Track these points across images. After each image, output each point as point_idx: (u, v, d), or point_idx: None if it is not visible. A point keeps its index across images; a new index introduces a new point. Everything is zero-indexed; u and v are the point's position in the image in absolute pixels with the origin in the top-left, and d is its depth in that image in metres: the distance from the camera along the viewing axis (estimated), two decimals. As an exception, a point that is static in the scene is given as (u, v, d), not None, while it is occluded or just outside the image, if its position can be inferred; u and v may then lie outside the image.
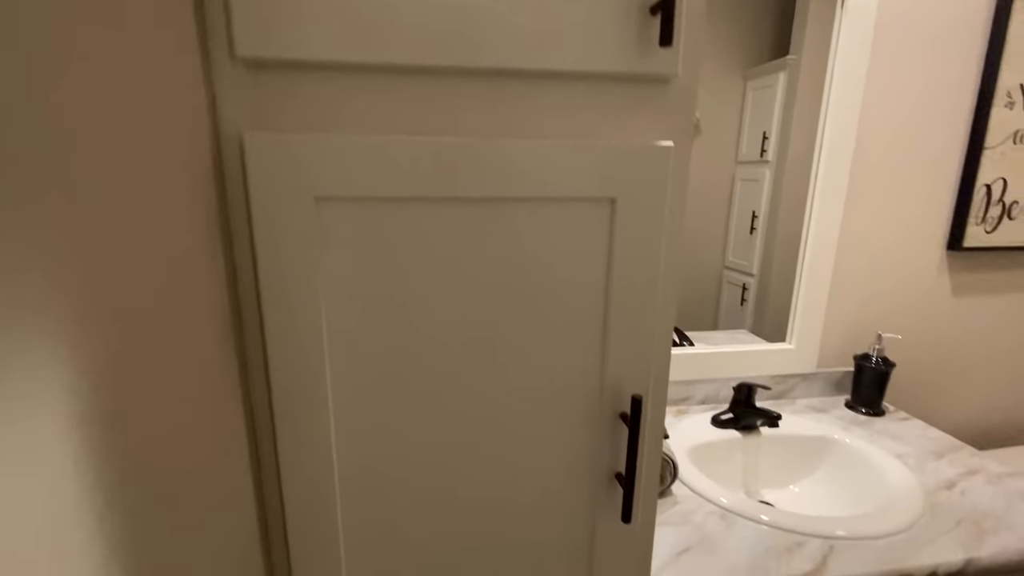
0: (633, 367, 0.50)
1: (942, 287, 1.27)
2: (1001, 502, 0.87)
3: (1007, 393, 1.39)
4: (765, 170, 1.15)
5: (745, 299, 1.23)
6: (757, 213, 1.19)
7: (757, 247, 1.20)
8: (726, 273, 1.21)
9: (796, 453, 1.07)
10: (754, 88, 1.09)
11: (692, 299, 1.20)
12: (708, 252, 1.17)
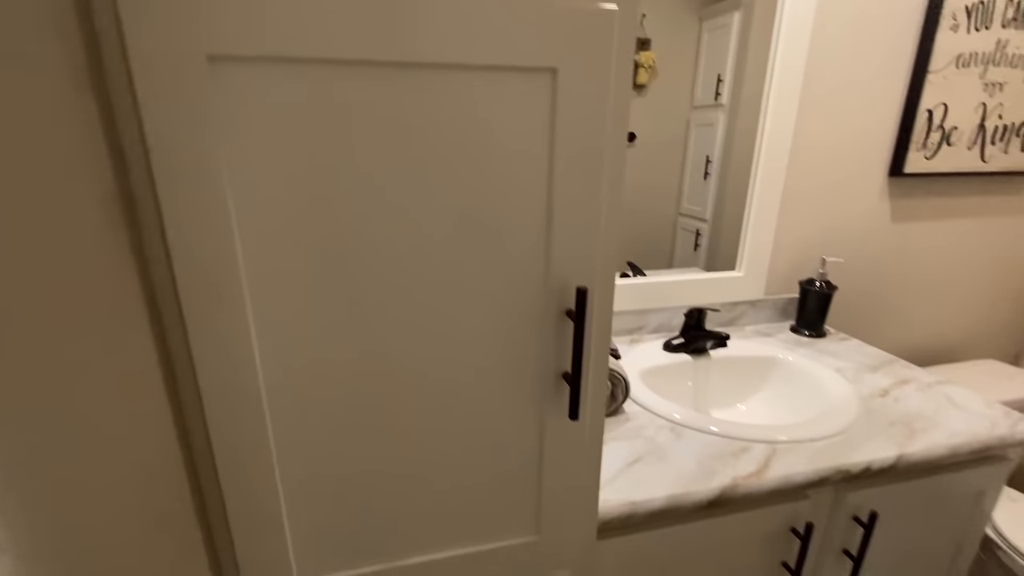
0: (578, 258, 0.47)
1: (883, 213, 1.31)
2: (931, 405, 0.92)
3: (941, 316, 1.48)
4: (719, 114, 1.14)
5: (699, 244, 1.24)
6: (711, 158, 1.18)
7: (711, 192, 1.20)
8: (680, 220, 1.22)
9: (743, 373, 1.10)
10: (709, 29, 1.06)
11: (646, 246, 1.21)
12: (662, 200, 1.17)
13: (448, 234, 0.44)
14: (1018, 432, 0.85)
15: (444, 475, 0.51)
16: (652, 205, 1.16)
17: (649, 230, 1.18)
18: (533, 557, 0.57)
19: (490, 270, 0.46)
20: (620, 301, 1.17)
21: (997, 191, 1.39)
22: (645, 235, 1.18)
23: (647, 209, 1.16)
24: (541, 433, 0.52)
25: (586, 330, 0.49)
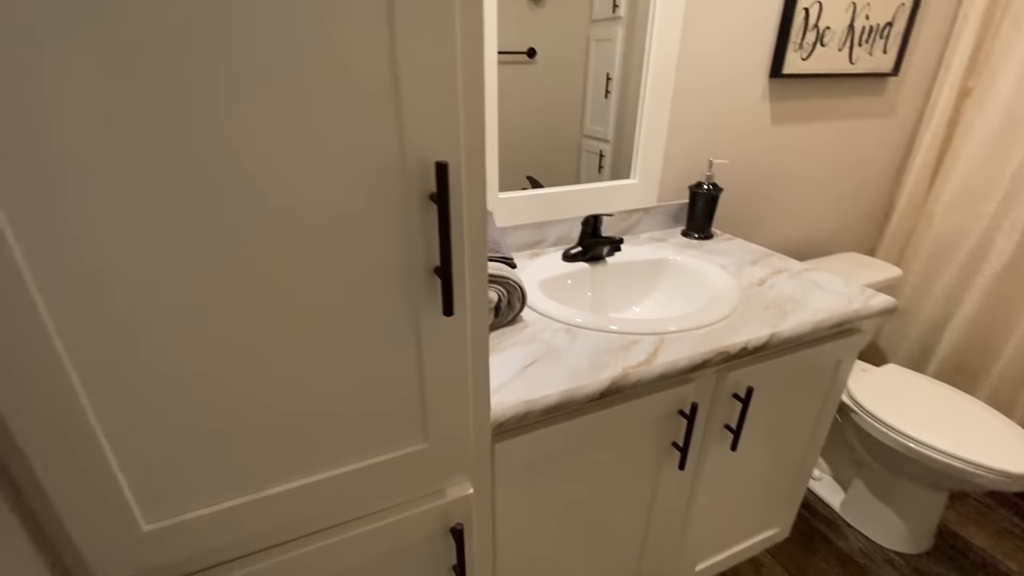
0: (436, 129, 0.41)
1: (764, 115, 1.35)
2: (800, 290, 1.00)
3: (812, 214, 1.60)
4: (618, 28, 1.09)
5: (602, 166, 1.23)
6: (611, 75, 1.14)
7: (612, 112, 1.17)
8: (584, 141, 1.19)
9: (638, 277, 1.13)
10: None
11: (553, 169, 1.17)
12: (566, 121, 1.13)
13: (273, 101, 0.36)
14: (871, 305, 0.95)
15: (305, 385, 0.46)
16: (556, 127, 1.13)
17: (554, 153, 1.15)
18: (425, 466, 0.55)
19: (333, 148, 0.39)
20: (518, 215, 1.13)
21: (862, 92, 1.48)
22: (551, 158, 1.15)
23: (552, 131, 1.13)
24: (418, 334, 0.48)
25: (452, 214, 0.44)
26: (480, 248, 0.49)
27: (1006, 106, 1.44)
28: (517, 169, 1.12)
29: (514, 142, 1.10)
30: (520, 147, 1.11)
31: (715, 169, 1.34)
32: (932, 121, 1.56)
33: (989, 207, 1.51)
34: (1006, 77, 1.43)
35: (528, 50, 1.02)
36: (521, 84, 1.06)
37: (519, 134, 1.10)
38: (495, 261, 0.83)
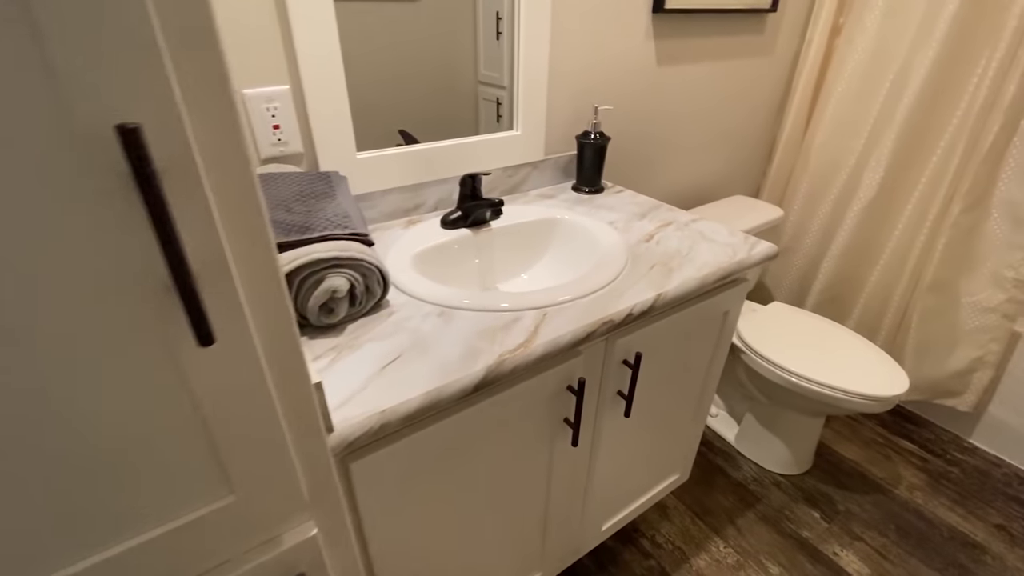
0: (119, 78, 0.27)
1: (648, 55, 1.28)
2: (687, 243, 0.96)
3: (699, 158, 1.59)
4: None
5: (500, 115, 1.11)
6: (501, 14, 1.01)
7: (505, 55, 1.05)
8: (481, 89, 1.06)
9: (527, 240, 1.04)
10: None
11: (449, 122, 1.04)
12: (459, 68, 1.00)
13: None
14: (755, 254, 0.93)
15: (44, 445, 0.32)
16: (449, 75, 1.00)
17: (450, 104, 1.02)
18: (241, 520, 0.44)
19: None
20: (386, 177, 0.99)
21: (744, 30, 1.45)
22: (445, 109, 1.02)
23: (443, 80, 1.00)
24: (179, 369, 0.36)
25: (167, 200, 0.30)
26: (257, 236, 0.36)
27: (873, 41, 1.48)
28: (393, 123, 0.97)
29: (394, 94, 0.95)
30: (402, 100, 0.97)
31: (601, 116, 1.26)
32: (808, 59, 1.58)
33: (858, 143, 1.57)
34: (872, 12, 1.45)
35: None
36: (401, 26, 0.91)
37: (400, 85, 0.95)
38: (344, 240, 0.70)
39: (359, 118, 0.92)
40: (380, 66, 0.92)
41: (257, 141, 0.85)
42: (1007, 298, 1.40)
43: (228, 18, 0.76)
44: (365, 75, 0.91)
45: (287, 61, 0.83)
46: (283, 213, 0.71)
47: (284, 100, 0.85)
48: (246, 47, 0.79)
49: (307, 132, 0.89)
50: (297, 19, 0.79)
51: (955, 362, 1.53)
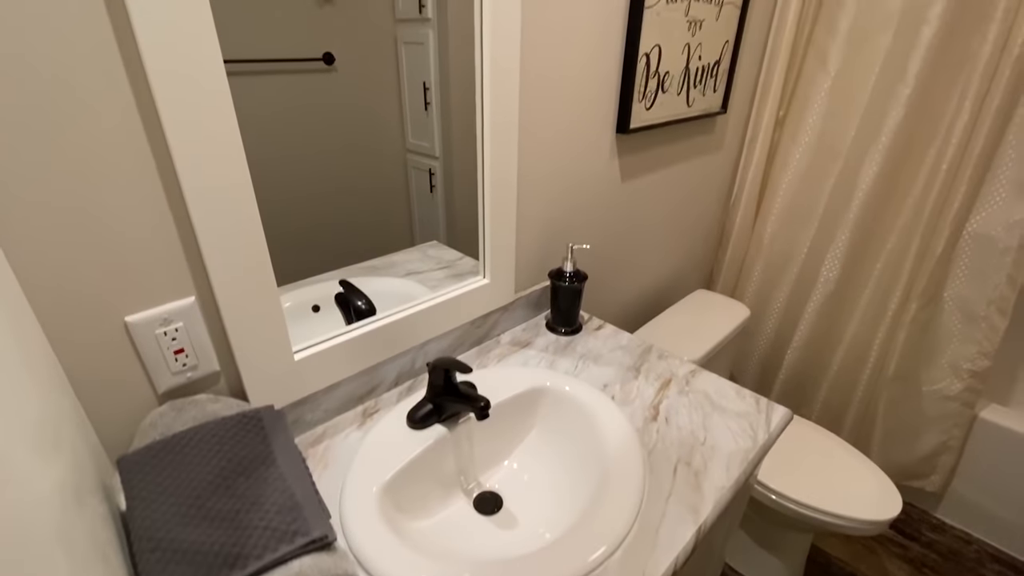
0: None
1: (613, 173, 1.18)
2: (699, 419, 0.84)
3: (662, 258, 1.51)
4: (428, 30, 0.85)
5: (434, 184, 0.95)
6: (428, 84, 0.88)
7: (435, 125, 0.91)
8: (410, 158, 0.91)
9: (510, 419, 0.87)
10: None
11: (378, 192, 0.87)
12: (385, 135, 0.85)
13: None
14: (774, 429, 0.83)
15: None
16: (375, 142, 0.84)
17: (377, 172, 0.86)
18: None
19: None
20: (335, 370, 0.78)
21: (698, 132, 1.40)
22: (376, 180, 0.86)
23: (369, 148, 0.84)
24: None
25: None
26: None
27: (815, 136, 1.49)
28: (317, 243, 0.78)
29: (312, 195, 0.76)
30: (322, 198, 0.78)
31: (576, 255, 1.13)
32: (754, 152, 1.57)
33: (808, 234, 1.57)
34: (812, 109, 1.47)
35: (325, 55, 0.73)
36: (319, 96, 0.74)
37: (321, 161, 0.78)
38: (297, 558, 0.49)
39: (284, 252, 0.71)
40: (304, 138, 0.74)
41: (152, 374, 0.61)
42: (965, 387, 1.42)
43: (101, 239, 0.53)
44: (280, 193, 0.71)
45: (190, 268, 0.61)
46: (199, 526, 0.49)
47: (189, 315, 0.62)
48: (131, 266, 0.57)
49: (224, 344, 0.67)
50: (201, 222, 0.58)
51: (921, 447, 1.54)
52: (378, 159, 0.85)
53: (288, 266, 0.73)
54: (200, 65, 0.53)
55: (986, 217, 1.27)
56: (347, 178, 0.81)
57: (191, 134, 0.54)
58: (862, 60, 1.35)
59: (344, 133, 0.79)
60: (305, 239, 0.76)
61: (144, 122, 0.53)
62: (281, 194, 0.72)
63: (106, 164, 0.52)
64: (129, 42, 0.50)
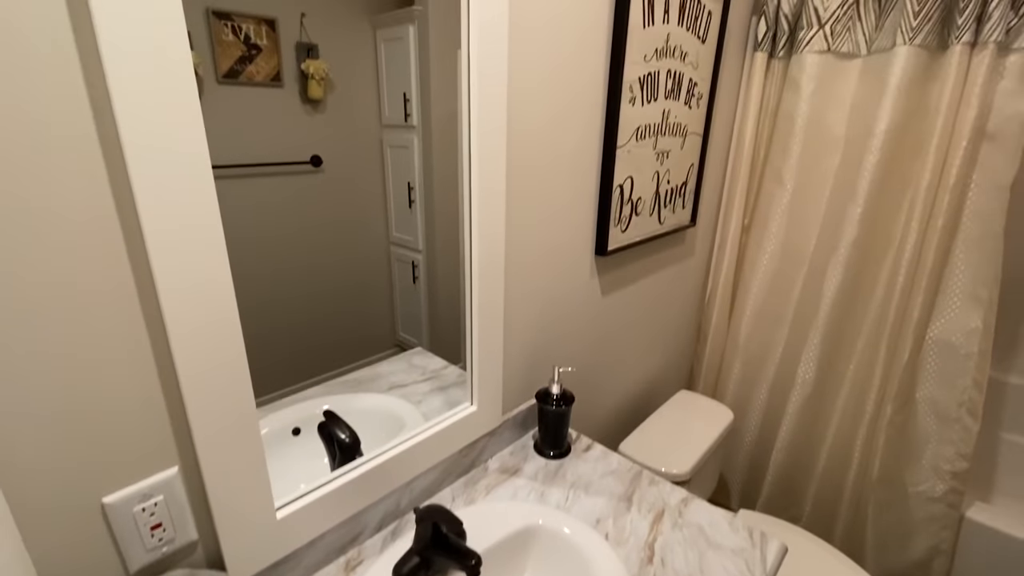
0: None
1: (594, 291, 1.22)
2: (694, 557, 0.82)
3: (645, 364, 1.53)
4: (413, 136, 0.89)
5: (417, 276, 0.96)
6: (413, 184, 0.91)
7: (419, 221, 0.94)
8: (393, 250, 0.93)
9: (501, 565, 0.83)
10: (385, 39, 0.82)
11: (363, 289, 0.87)
12: (370, 230, 0.88)
13: None
14: (770, 566, 0.81)
15: None
16: (359, 237, 0.86)
17: (362, 266, 0.87)
18: None
19: None
20: (317, 524, 0.75)
21: (671, 244, 1.48)
22: (358, 273, 0.87)
23: (353, 243, 0.85)
24: None
25: None
26: None
27: (779, 244, 1.58)
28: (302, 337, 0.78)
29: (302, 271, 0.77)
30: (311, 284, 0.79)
31: (562, 377, 1.14)
32: (724, 258, 1.65)
33: (782, 334, 1.63)
34: (774, 219, 1.57)
35: (313, 158, 0.76)
36: (306, 196, 0.76)
37: (306, 258, 0.78)
38: None
39: (267, 362, 0.69)
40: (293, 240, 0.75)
41: (125, 555, 0.58)
42: (948, 489, 1.43)
43: (84, 412, 0.52)
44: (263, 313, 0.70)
45: (175, 435, 0.60)
46: None
47: (171, 487, 0.60)
48: (113, 440, 0.55)
49: (204, 511, 0.64)
50: (190, 381, 0.57)
51: (914, 552, 1.51)
52: (362, 253, 0.87)
53: (270, 377, 0.73)
54: (197, 224, 0.55)
55: (945, 324, 1.34)
56: (332, 275, 0.83)
57: (183, 303, 0.55)
58: (815, 179, 1.47)
59: (329, 230, 0.82)
60: (289, 346, 0.76)
61: (138, 285, 0.54)
62: (264, 298, 0.72)
63: (95, 332, 0.52)
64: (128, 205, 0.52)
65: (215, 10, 0.62)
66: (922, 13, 1.18)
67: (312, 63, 0.74)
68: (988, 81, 1.16)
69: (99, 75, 0.47)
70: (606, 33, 1.00)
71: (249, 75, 0.66)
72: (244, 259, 0.68)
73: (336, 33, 0.74)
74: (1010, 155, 1.18)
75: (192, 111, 0.52)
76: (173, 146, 0.50)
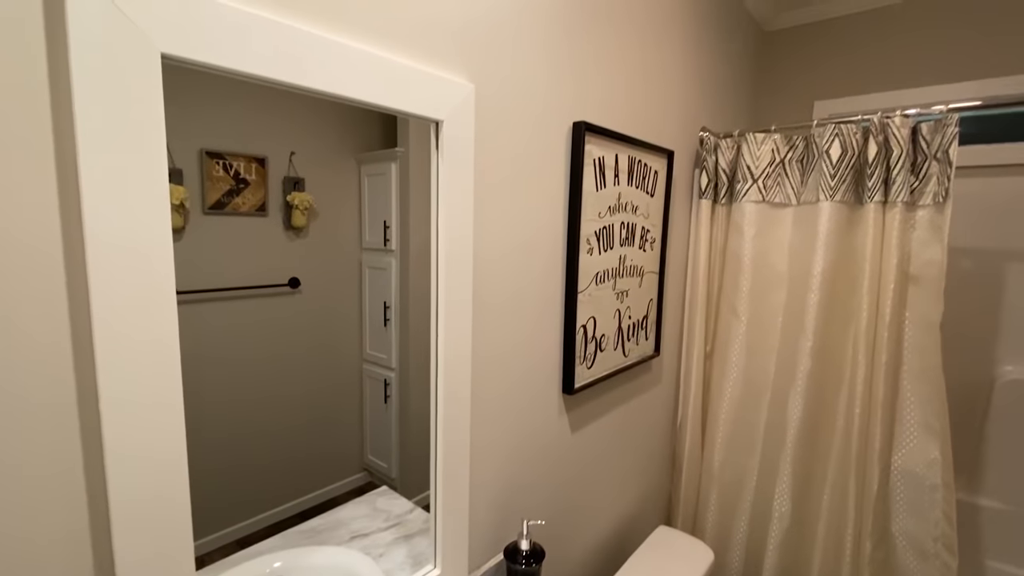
0: None
1: (563, 430, 1.23)
2: None
3: (620, 498, 1.49)
4: (391, 259, 0.95)
5: (388, 395, 0.96)
6: (389, 303, 0.95)
7: (393, 340, 0.96)
8: (366, 368, 0.94)
9: None
10: (369, 174, 0.89)
11: (333, 410, 0.86)
12: (343, 347, 0.90)
13: None
14: None
15: None
16: (333, 355, 0.88)
17: (332, 383, 0.87)
18: None
19: None
20: None
21: (638, 375, 1.52)
22: (329, 394, 0.87)
23: (327, 360, 0.86)
24: None
25: None
26: None
27: (741, 372, 1.64)
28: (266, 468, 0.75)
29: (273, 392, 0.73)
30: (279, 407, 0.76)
31: (532, 531, 1.11)
32: (691, 385, 1.69)
33: (754, 462, 1.62)
34: (733, 348, 1.64)
35: (291, 280, 0.79)
36: (282, 316, 0.79)
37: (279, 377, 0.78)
38: None
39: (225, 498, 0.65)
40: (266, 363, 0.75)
41: None
42: (941, 631, 1.36)
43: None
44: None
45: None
46: None
47: None
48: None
49: None
50: None
51: None
52: (335, 371, 0.88)
53: (227, 512, 0.70)
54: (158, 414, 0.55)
55: (906, 454, 1.37)
56: (303, 393, 0.82)
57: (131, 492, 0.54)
58: (766, 312, 1.57)
59: (304, 348, 0.83)
60: (252, 470, 0.75)
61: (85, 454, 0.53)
62: (232, 422, 0.72)
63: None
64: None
65: (209, 150, 0.68)
66: (837, 175, 1.36)
67: (298, 195, 0.80)
68: (903, 232, 1.31)
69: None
70: (563, 198, 1.12)
71: (235, 206, 0.71)
72: (215, 382, 0.69)
73: (323, 168, 0.81)
74: (933, 296, 1.30)
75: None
76: (141, 329, 0.53)
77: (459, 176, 0.88)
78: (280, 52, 0.61)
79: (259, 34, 0.59)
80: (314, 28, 0.66)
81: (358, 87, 0.70)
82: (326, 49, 0.66)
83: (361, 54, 0.70)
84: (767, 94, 2.11)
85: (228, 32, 0.57)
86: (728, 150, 1.58)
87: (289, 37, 0.62)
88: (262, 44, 0.60)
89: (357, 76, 0.70)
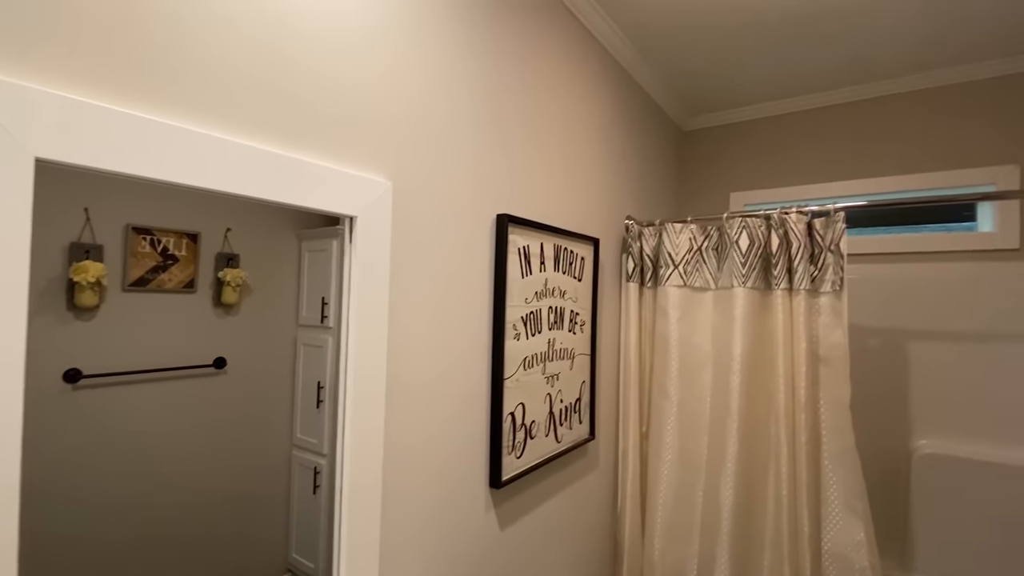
0: None
1: (492, 527, 1.17)
2: None
3: (553, 599, 1.40)
4: (328, 336, 0.91)
5: (319, 484, 0.88)
6: (323, 383, 0.90)
7: (326, 423, 0.90)
8: (296, 454, 0.87)
9: None
10: (310, 250, 0.88)
11: (255, 497, 0.78)
12: (272, 431, 0.83)
13: None
14: None
15: None
16: (259, 440, 0.81)
17: (257, 471, 0.80)
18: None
19: None
20: None
21: (571, 461, 1.48)
22: (253, 478, 0.79)
23: (252, 446, 0.79)
24: None
25: None
26: None
27: (676, 453, 1.64)
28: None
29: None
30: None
31: None
32: (628, 467, 1.67)
33: (694, 549, 1.58)
34: (667, 429, 1.65)
35: (217, 360, 0.74)
36: (207, 399, 0.72)
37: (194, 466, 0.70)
38: None
39: None
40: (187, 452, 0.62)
41: None
42: None
43: None
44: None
45: None
46: None
47: None
48: None
49: None
50: None
51: None
52: (260, 457, 0.81)
53: None
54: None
55: (834, 537, 1.38)
56: (222, 483, 0.75)
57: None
58: (695, 392, 1.61)
59: (227, 433, 0.76)
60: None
61: None
62: (133, 529, 0.64)
63: None
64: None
65: (135, 226, 0.64)
66: (747, 264, 1.47)
67: (230, 271, 0.77)
68: (809, 317, 1.40)
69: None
70: (488, 286, 1.14)
71: (160, 283, 0.68)
72: (117, 477, 0.61)
73: (260, 244, 0.79)
74: (842, 377, 1.38)
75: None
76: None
77: (374, 267, 0.88)
78: (169, 153, 0.61)
79: (151, 136, 0.60)
80: (204, 128, 0.67)
81: (256, 185, 0.71)
82: (218, 149, 0.66)
83: (257, 152, 0.70)
84: (688, 185, 2.30)
85: (114, 136, 0.57)
86: (651, 237, 1.68)
87: (180, 139, 0.62)
88: (151, 145, 0.60)
89: (254, 174, 0.70)
